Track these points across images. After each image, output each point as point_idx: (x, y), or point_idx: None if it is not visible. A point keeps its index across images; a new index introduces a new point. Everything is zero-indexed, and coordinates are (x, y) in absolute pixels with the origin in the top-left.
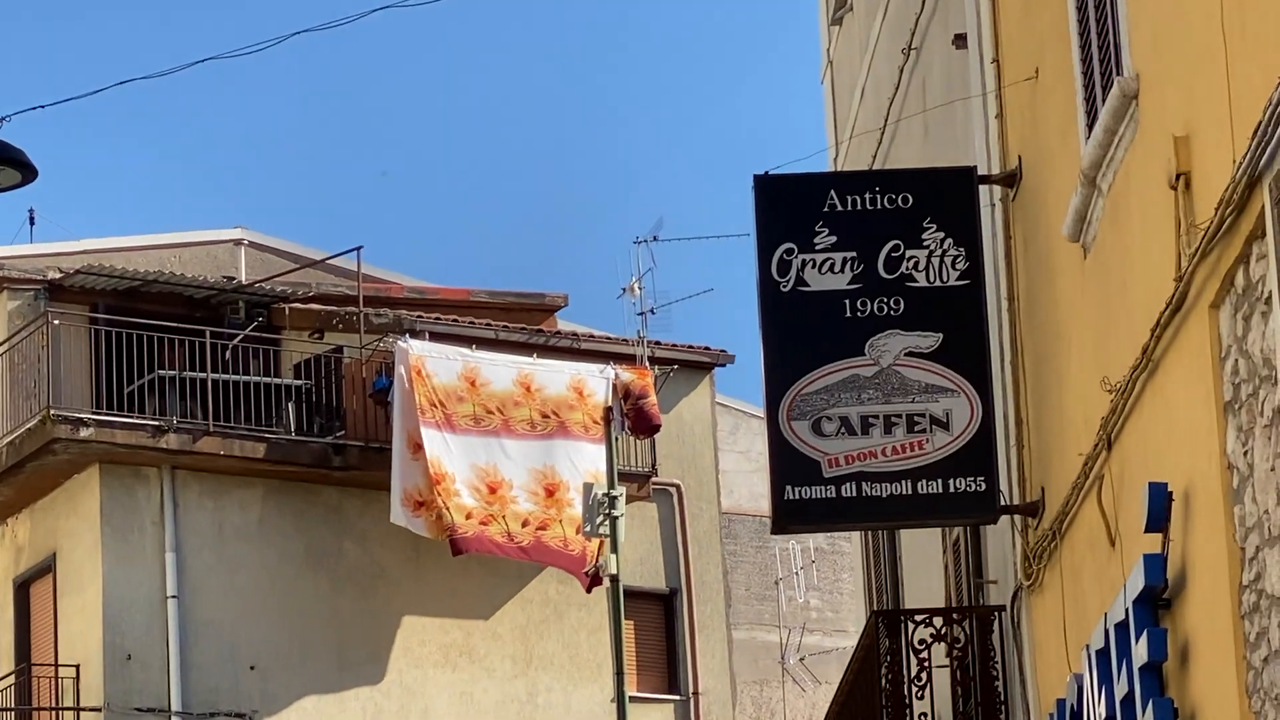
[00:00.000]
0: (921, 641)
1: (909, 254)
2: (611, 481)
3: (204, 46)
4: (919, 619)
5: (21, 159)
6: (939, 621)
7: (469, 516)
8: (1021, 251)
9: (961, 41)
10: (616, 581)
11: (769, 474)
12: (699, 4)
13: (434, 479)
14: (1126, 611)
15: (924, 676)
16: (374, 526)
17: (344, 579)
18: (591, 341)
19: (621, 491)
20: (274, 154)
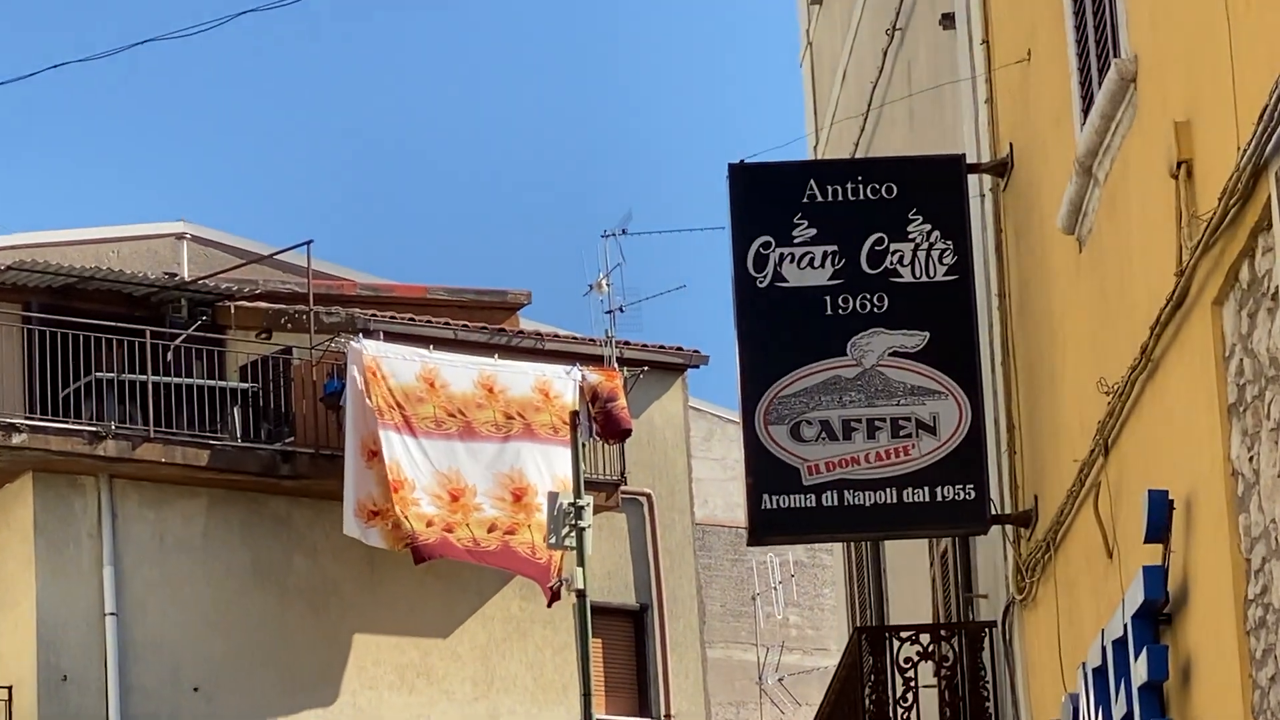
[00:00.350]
0: (907, 660)
1: (893, 247)
2: (578, 490)
3: (144, 27)
4: (905, 636)
5: None
6: (926, 638)
7: (430, 524)
8: (1013, 245)
9: (949, 21)
10: (583, 597)
11: (745, 482)
12: None
13: (392, 485)
14: (1125, 627)
15: (910, 697)
16: (325, 539)
17: (293, 595)
18: (557, 341)
19: (588, 501)
20: (219, 142)
